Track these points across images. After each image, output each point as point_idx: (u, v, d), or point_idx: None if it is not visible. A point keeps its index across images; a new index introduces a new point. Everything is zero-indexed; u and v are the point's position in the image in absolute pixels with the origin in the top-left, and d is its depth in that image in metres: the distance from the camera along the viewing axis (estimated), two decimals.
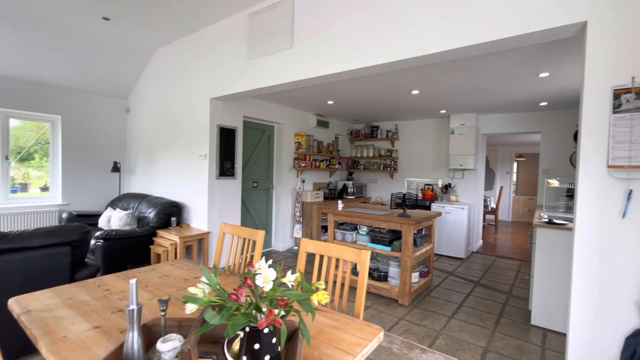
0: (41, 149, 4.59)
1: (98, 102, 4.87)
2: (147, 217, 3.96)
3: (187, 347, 0.74)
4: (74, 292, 1.46)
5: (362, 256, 1.47)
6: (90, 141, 4.80)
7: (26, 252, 2.03)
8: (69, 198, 4.59)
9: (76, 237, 2.26)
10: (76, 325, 1.17)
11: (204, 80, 3.79)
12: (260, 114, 4.60)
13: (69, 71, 4.26)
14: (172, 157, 4.29)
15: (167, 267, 1.87)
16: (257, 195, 4.85)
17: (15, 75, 4.05)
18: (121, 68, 4.56)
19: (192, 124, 3.97)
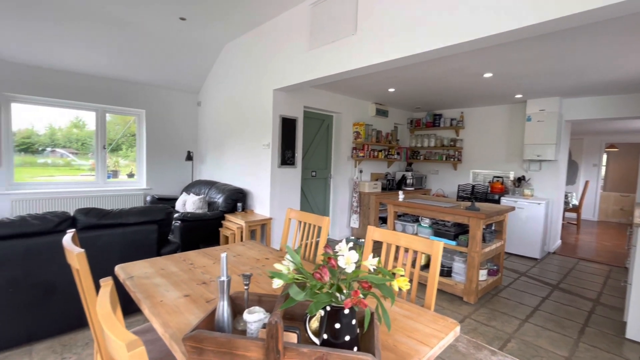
0: (127, 141, 5.22)
1: (174, 97, 5.36)
2: (216, 202, 4.29)
3: (274, 319, 0.78)
4: (164, 264, 1.65)
5: (434, 247, 1.40)
6: (169, 132, 5.32)
7: (124, 227, 2.34)
8: (151, 183, 5.18)
9: (162, 217, 2.54)
10: (170, 293, 1.32)
11: (268, 72, 3.93)
12: (320, 103, 4.64)
13: (151, 70, 4.75)
14: (237, 147, 4.56)
15: (239, 247, 2.00)
16: (316, 184, 4.94)
17: (109, 75, 4.64)
18: (193, 65, 4.94)
19: (256, 114, 4.16)
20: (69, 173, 4.86)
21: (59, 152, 4.79)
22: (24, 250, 1.95)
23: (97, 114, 4.74)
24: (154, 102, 5.13)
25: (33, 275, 2.00)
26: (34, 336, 2.07)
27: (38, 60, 4.04)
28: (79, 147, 4.98)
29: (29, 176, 4.42)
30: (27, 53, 3.90)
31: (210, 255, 1.82)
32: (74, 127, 5.00)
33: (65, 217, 2.13)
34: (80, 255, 1.07)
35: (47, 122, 4.60)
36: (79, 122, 5.04)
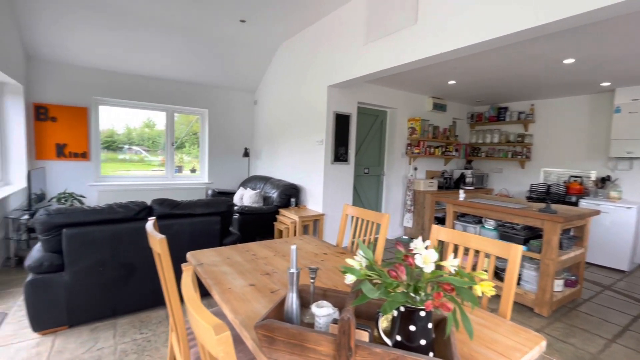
0: (189, 139, 5.63)
1: (233, 96, 5.65)
2: (271, 196, 4.43)
3: (346, 316, 0.75)
4: (229, 254, 1.73)
5: (512, 251, 1.27)
6: (228, 130, 5.64)
7: (192, 217, 2.52)
8: (212, 178, 5.54)
9: (224, 209, 2.68)
10: (237, 281, 1.38)
11: (322, 68, 3.94)
12: (374, 99, 4.53)
13: (213, 71, 5.05)
14: (291, 143, 4.66)
15: (297, 241, 2.03)
16: (368, 182, 4.86)
17: (177, 78, 5.04)
18: (251, 65, 5.15)
19: (310, 111, 4.20)
20: (142, 168, 5.40)
21: (134, 149, 5.34)
22: (111, 234, 2.19)
23: (167, 114, 5.19)
24: (215, 102, 5.47)
25: (117, 257, 2.25)
26: (118, 311, 2.33)
27: (119, 67, 4.54)
28: (150, 145, 5.51)
29: (112, 170, 5.00)
30: (111, 61, 4.40)
31: (270, 247, 1.88)
32: (146, 126, 5.54)
33: (144, 206, 2.36)
34: (162, 241, 1.15)
35: (124, 122, 5.16)
36: (150, 122, 5.57)
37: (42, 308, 2.05)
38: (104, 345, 2.05)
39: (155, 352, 2.01)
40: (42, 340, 2.06)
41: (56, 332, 2.15)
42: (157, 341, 2.12)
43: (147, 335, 2.18)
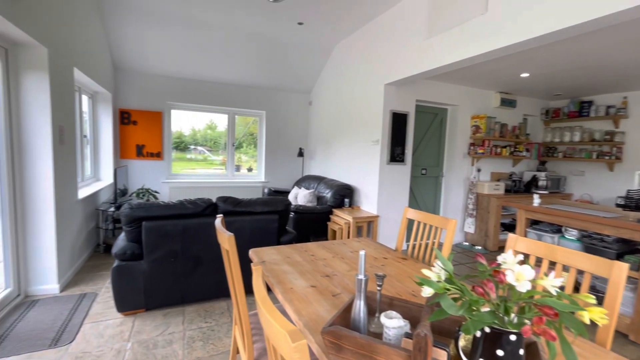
0: (246, 140, 5.91)
1: (289, 97, 5.80)
2: (324, 196, 4.45)
3: (423, 332, 0.69)
4: (289, 253, 1.76)
5: (615, 269, 1.08)
6: (283, 131, 5.80)
7: (252, 215, 2.63)
8: (268, 177, 5.75)
9: (282, 208, 2.75)
10: (298, 281, 1.38)
11: (379, 66, 3.83)
12: (434, 96, 4.29)
13: (270, 74, 5.23)
14: (346, 143, 4.63)
15: (355, 243, 1.99)
16: (425, 183, 4.62)
17: (238, 81, 5.31)
18: (307, 67, 5.23)
19: (366, 110, 4.12)
20: (205, 166, 5.81)
21: (199, 149, 5.77)
22: (182, 228, 2.38)
23: (229, 116, 5.51)
24: (272, 104, 5.67)
25: (187, 249, 2.43)
26: (186, 299, 2.52)
27: (188, 73, 4.93)
28: (212, 145, 5.90)
29: (180, 168, 5.46)
30: (182, 68, 4.80)
31: (328, 248, 1.86)
32: (209, 128, 5.95)
33: (210, 203, 2.51)
34: (231, 239, 1.20)
35: (190, 125, 5.61)
36: (212, 124, 5.97)
37: (125, 291, 2.30)
38: (174, 330, 2.23)
39: (218, 341, 2.13)
40: (125, 320, 2.31)
41: (136, 314, 2.39)
42: (219, 331, 2.24)
43: (211, 324, 2.32)
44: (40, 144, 2.47)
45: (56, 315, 2.29)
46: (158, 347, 2.04)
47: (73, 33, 2.94)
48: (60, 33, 2.67)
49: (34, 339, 2.02)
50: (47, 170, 2.51)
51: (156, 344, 2.07)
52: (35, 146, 2.47)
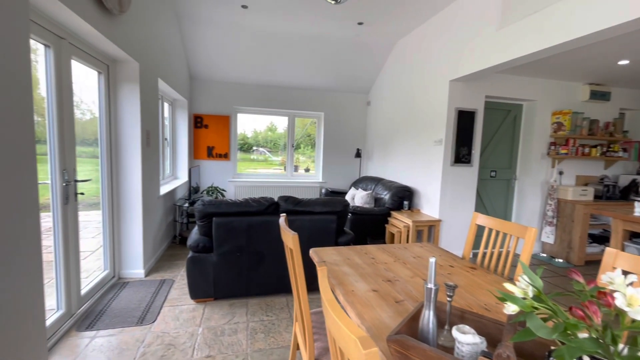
0: (304, 141, 6.04)
1: (347, 98, 5.80)
2: (382, 198, 4.35)
3: (505, 353, 0.63)
4: (348, 254, 1.75)
5: None
6: (341, 132, 5.82)
7: (311, 215, 2.68)
8: (325, 177, 5.82)
9: (340, 208, 2.76)
10: (359, 284, 1.37)
11: (443, 62, 3.62)
12: (506, 91, 3.92)
13: (329, 76, 5.29)
14: (405, 144, 4.47)
15: (417, 248, 1.91)
16: (495, 186, 4.24)
17: (298, 84, 5.47)
18: (365, 66, 5.17)
19: (428, 109, 3.93)
20: (265, 167, 6.10)
21: (260, 150, 6.07)
22: (247, 225, 2.52)
23: (289, 118, 5.71)
24: (330, 105, 5.72)
25: (251, 245, 2.57)
26: (250, 292, 2.67)
27: (252, 79, 5.22)
28: (271, 147, 6.17)
29: (244, 168, 5.82)
30: (247, 74, 5.10)
31: (389, 252, 1.81)
32: (269, 130, 6.23)
33: (272, 202, 2.63)
34: (295, 238, 1.23)
35: (252, 127, 5.94)
36: (272, 127, 6.24)
37: (197, 280, 2.52)
38: (239, 320, 2.38)
39: (278, 335, 2.21)
40: (196, 307, 2.53)
41: (206, 302, 2.60)
42: (279, 325, 2.33)
43: (271, 318, 2.42)
44: (131, 146, 2.84)
45: (142, 297, 2.61)
46: (225, 334, 2.19)
47: (158, 48, 3.32)
48: (148, 49, 3.03)
49: (125, 316, 2.32)
50: (137, 169, 2.88)
51: (223, 331, 2.23)
52: (127, 148, 2.84)
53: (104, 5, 2.10)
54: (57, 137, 2.02)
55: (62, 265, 2.12)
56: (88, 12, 1.95)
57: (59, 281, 2.12)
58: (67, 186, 2.13)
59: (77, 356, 1.90)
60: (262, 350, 2.04)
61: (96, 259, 3.02)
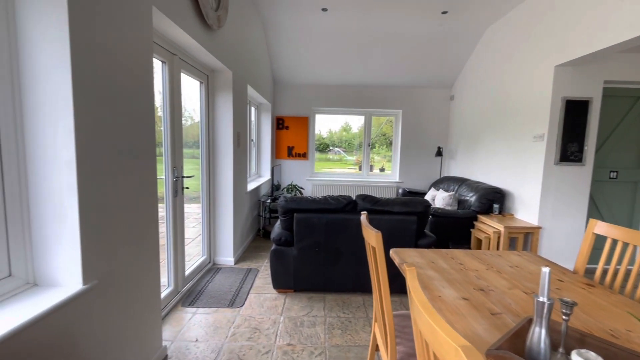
0: (378, 140, 5.90)
1: (427, 94, 5.48)
2: (467, 200, 4.00)
3: None
4: (432, 257, 1.65)
5: None
6: (420, 129, 5.54)
7: (389, 215, 2.61)
8: (402, 177, 5.61)
9: (421, 209, 2.62)
10: (446, 290, 1.27)
11: (546, 46, 3.14)
12: (633, 74, 3.21)
13: (408, 72, 5.08)
14: (496, 140, 4.02)
15: (514, 257, 1.69)
16: (615, 190, 3.51)
17: (375, 83, 5.39)
18: (448, 59, 4.81)
19: (526, 101, 3.46)
20: (340, 166, 6.17)
21: (335, 150, 6.16)
22: (325, 222, 2.59)
23: (365, 117, 5.67)
24: (409, 102, 5.49)
25: (329, 242, 2.62)
26: (327, 288, 2.73)
27: (330, 80, 5.33)
28: (346, 146, 6.20)
29: (320, 167, 5.98)
30: (325, 76, 5.23)
31: (479, 258, 1.65)
32: (344, 130, 6.27)
33: (350, 200, 2.64)
34: (378, 236, 1.21)
35: (327, 127, 6.06)
36: (347, 126, 6.27)
37: (279, 272, 2.68)
38: (317, 314, 2.45)
39: (355, 334, 2.21)
40: (278, 297, 2.69)
41: (286, 293, 2.75)
42: (356, 324, 2.33)
43: (348, 316, 2.43)
44: (225, 146, 3.17)
45: (232, 283, 2.89)
46: (304, 326, 2.28)
47: (247, 56, 3.63)
48: (239, 58, 3.34)
49: (218, 298, 2.60)
50: (229, 167, 3.20)
51: (302, 322, 2.32)
52: (222, 148, 3.18)
53: (206, 22, 2.38)
54: (170, 140, 2.37)
55: (172, 248, 2.48)
56: (194, 29, 2.24)
57: (169, 262, 2.49)
58: (176, 181, 2.48)
59: (182, 327, 2.21)
60: (339, 346, 2.06)
61: (195, 246, 3.45)
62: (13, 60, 1.13)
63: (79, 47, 1.19)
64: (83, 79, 1.21)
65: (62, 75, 1.15)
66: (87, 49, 1.23)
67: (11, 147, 1.14)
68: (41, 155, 1.18)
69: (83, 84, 1.21)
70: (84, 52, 1.22)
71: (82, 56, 1.20)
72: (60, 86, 1.16)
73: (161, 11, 1.79)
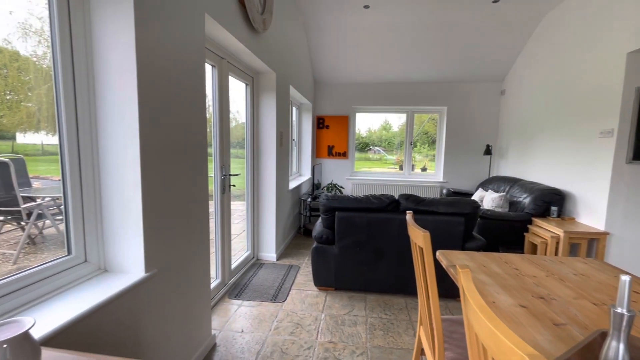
0: (420, 138, 5.69)
1: (475, 89, 5.19)
2: (520, 202, 3.72)
3: None
4: (483, 261, 1.55)
5: None
6: (467, 127, 5.26)
7: (434, 215, 2.51)
8: (447, 177, 5.37)
9: (469, 210, 2.49)
10: (501, 296, 1.19)
11: (617, 31, 2.82)
12: None
13: (455, 66, 4.84)
14: (554, 137, 3.69)
15: (578, 264, 1.54)
16: None
17: (418, 79, 5.21)
18: (499, 51, 4.51)
19: (591, 93, 3.13)
20: (379, 166, 6.06)
21: (375, 149, 6.06)
22: (366, 221, 2.56)
23: (407, 115, 5.51)
24: (455, 98, 5.24)
25: (370, 242, 2.59)
26: (368, 287, 2.70)
27: (371, 78, 5.25)
28: (385, 145, 6.08)
29: (359, 167, 5.93)
30: (366, 74, 5.17)
31: (537, 264, 1.52)
32: (383, 129, 6.15)
33: (393, 200, 2.58)
34: (426, 236, 1.17)
35: (366, 126, 5.99)
36: (386, 125, 6.14)
37: (320, 269, 2.71)
38: (358, 313, 2.43)
39: (397, 336, 2.16)
40: (319, 294, 2.72)
41: (327, 291, 2.77)
42: (399, 326, 2.27)
43: (390, 317, 2.38)
44: (268, 145, 3.27)
45: (274, 278, 2.97)
46: (345, 324, 2.28)
47: (289, 57, 3.71)
48: (282, 59, 3.42)
49: (261, 292, 2.69)
50: (272, 166, 3.29)
51: (343, 321, 2.32)
52: (265, 148, 3.28)
53: (253, 26, 2.47)
54: (219, 139, 2.50)
55: (220, 242, 2.61)
56: (241, 33, 2.34)
57: (217, 255, 2.62)
58: (224, 179, 2.61)
59: (229, 318, 2.32)
60: (381, 348, 2.03)
61: (239, 242, 3.60)
62: (89, 64, 1.27)
63: (142, 52, 1.29)
64: (145, 82, 1.32)
65: (129, 76, 1.27)
66: (149, 54, 1.34)
67: (87, 145, 1.28)
68: (111, 152, 1.31)
69: (145, 86, 1.32)
70: (147, 56, 1.32)
71: (145, 60, 1.31)
72: (127, 87, 1.27)
73: (212, 17, 1.89)
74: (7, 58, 1.36)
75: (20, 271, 1.10)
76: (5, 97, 1.45)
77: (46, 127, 1.51)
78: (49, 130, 1.52)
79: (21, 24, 1.27)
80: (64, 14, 1.18)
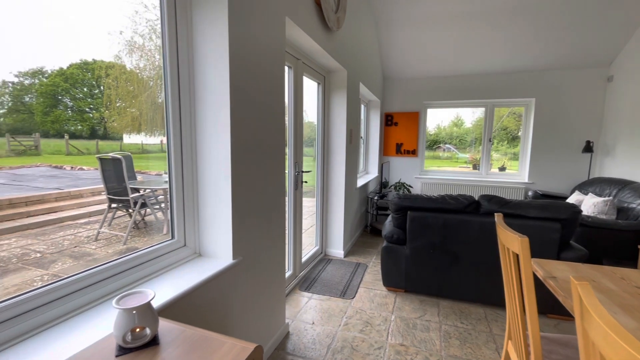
0: (498, 135, 5.14)
1: (571, 77, 4.50)
2: (632, 208, 3.13)
3: None
4: (591, 275, 1.34)
5: None
6: (560, 120, 4.60)
7: (522, 219, 2.25)
8: (534, 177, 4.78)
9: (566, 215, 2.18)
10: (619, 317, 1.02)
11: None
12: None
13: (545, 51, 4.26)
14: None
15: None
16: None
17: (500, 69, 4.72)
18: (605, 30, 3.83)
19: None
20: (450, 165, 5.68)
21: (446, 147, 5.69)
22: (442, 222, 2.41)
23: (486, 109, 5.04)
24: (545, 88, 4.63)
25: (446, 244, 2.44)
26: (441, 293, 2.55)
27: (445, 70, 4.93)
28: (457, 143, 5.65)
29: (428, 165, 5.63)
30: (440, 66, 4.87)
31: None
32: (454, 125, 5.73)
33: (472, 201, 2.39)
34: (524, 241, 1.05)
35: (435, 123, 5.65)
36: (458, 121, 5.70)
37: (390, 269, 2.64)
38: (430, 319, 2.31)
39: (476, 348, 2.00)
40: (388, 294, 2.66)
41: (397, 292, 2.70)
42: (477, 338, 2.10)
43: (467, 327, 2.22)
44: (339, 143, 3.30)
45: (342, 274, 3.00)
46: (417, 329, 2.19)
47: (360, 54, 3.68)
48: (353, 56, 3.41)
49: (330, 287, 2.73)
50: (341, 163, 3.32)
51: (415, 325, 2.23)
52: (335, 145, 3.32)
53: (327, 25, 2.51)
54: (293, 137, 2.61)
55: (292, 236, 2.73)
56: (317, 32, 2.39)
57: (290, 248, 2.75)
58: (297, 175, 2.71)
59: (300, 309, 2.41)
60: (457, 358, 1.90)
61: (307, 237, 3.71)
62: (191, 73, 1.42)
63: (234, 60, 1.41)
64: (235, 85, 1.44)
65: (221, 80, 1.39)
66: (239, 62, 1.45)
67: (187, 143, 1.44)
68: (206, 146, 1.46)
69: (235, 87, 1.44)
70: (236, 63, 1.44)
71: (235, 66, 1.42)
72: (221, 88, 1.40)
73: (292, 20, 1.97)
74: (117, 72, 1.61)
75: (137, 250, 1.30)
76: (116, 104, 1.73)
77: (145, 129, 1.75)
78: (147, 131, 1.76)
79: (127, 42, 1.49)
80: (172, 34, 1.34)
